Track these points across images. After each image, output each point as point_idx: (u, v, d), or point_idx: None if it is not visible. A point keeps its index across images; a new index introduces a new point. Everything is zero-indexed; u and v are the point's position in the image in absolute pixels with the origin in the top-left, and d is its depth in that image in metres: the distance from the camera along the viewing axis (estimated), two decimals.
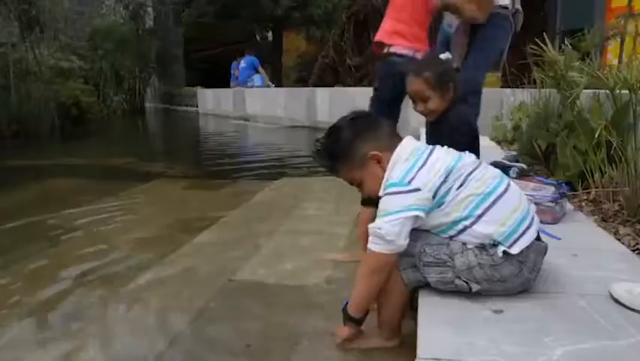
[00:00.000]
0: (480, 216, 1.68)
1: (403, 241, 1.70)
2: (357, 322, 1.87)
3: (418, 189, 1.69)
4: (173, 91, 22.36)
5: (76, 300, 2.52)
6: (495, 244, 1.68)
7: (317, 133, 9.78)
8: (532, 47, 3.70)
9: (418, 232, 1.74)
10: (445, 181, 1.70)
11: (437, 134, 2.64)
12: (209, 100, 17.56)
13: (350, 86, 13.56)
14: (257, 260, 2.95)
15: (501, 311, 1.60)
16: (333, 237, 3.28)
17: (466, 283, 1.67)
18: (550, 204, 2.54)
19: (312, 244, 3.16)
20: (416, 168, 1.73)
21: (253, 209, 4.24)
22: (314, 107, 11.40)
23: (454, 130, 2.50)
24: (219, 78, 16.52)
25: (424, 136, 4.68)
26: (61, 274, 2.86)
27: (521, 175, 3.05)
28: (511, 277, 1.67)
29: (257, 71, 14.34)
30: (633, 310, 1.59)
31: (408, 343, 1.72)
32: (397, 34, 3.10)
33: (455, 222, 1.71)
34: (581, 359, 1.34)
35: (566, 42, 3.66)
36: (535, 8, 10.30)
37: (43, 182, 5.70)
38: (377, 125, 1.92)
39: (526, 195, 2.58)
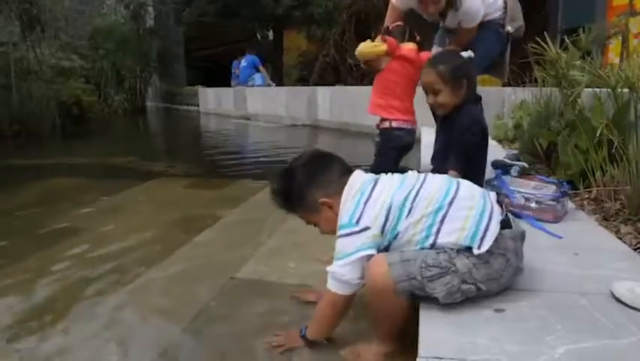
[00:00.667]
0: (439, 230, 1.66)
1: (358, 280, 1.75)
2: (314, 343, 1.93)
3: (367, 228, 1.71)
4: (174, 90, 22.40)
5: (76, 299, 2.52)
6: (468, 248, 1.64)
7: (318, 132, 9.78)
8: (534, 45, 3.69)
9: (409, 252, 1.68)
10: (387, 217, 1.71)
11: (447, 132, 2.65)
12: (211, 99, 17.57)
13: (351, 84, 13.54)
14: (258, 258, 2.95)
15: (502, 310, 1.59)
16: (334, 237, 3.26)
17: (473, 284, 1.62)
18: (551, 202, 2.54)
19: (314, 242, 3.16)
20: (361, 204, 1.75)
21: (254, 208, 4.23)
22: (315, 106, 11.40)
23: (465, 130, 2.51)
24: (220, 77, 16.56)
25: (424, 135, 4.70)
26: (61, 272, 2.86)
27: (522, 174, 3.05)
28: (503, 270, 1.65)
29: (258, 70, 14.35)
30: (635, 308, 1.58)
31: (407, 343, 1.71)
32: (394, 109, 3.22)
33: (421, 243, 1.68)
34: (582, 357, 1.34)
35: (567, 40, 3.65)
36: (536, 7, 10.28)
37: (44, 181, 5.71)
38: (329, 168, 1.92)
39: (528, 193, 2.60)
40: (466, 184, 1.80)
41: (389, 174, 1.88)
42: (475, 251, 1.62)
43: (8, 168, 6.86)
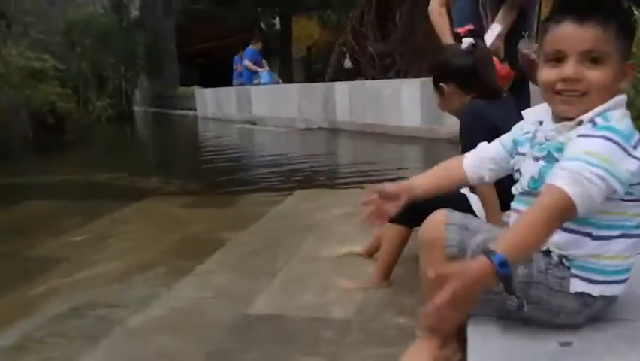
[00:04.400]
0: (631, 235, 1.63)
1: (591, 206, 1.50)
2: (507, 279, 1.44)
3: (637, 159, 1.53)
4: (166, 92, 22.53)
5: (61, 343, 2.54)
6: (569, 268, 1.63)
7: (338, 135, 9.80)
8: None
9: (475, 221, 1.72)
10: None
11: None
12: (209, 102, 17.69)
13: (374, 78, 13.55)
14: (274, 290, 2.95)
15: (569, 344, 1.58)
16: (359, 260, 3.26)
17: (518, 298, 1.61)
18: None
19: (337, 269, 3.16)
20: (637, 136, 1.57)
21: (265, 229, 4.24)
22: (332, 105, 11.43)
23: (467, 128, 2.54)
24: (220, 75, 16.65)
25: None
26: (41, 312, 2.88)
27: None
28: (565, 313, 1.64)
29: (261, 67, 14.46)
30: None
31: None
32: None
33: (614, 226, 1.62)
34: None
35: (634, 11, 3.62)
36: None
37: (15, 205, 5.71)
38: None
39: None
40: None
41: None
42: (584, 286, 1.61)
43: None
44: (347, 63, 16.48)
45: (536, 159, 1.70)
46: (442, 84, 2.65)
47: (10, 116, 10.88)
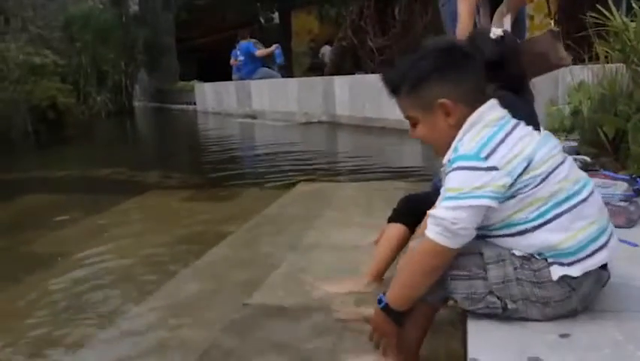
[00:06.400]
0: (548, 222, 1.62)
1: (472, 231, 1.61)
2: (396, 318, 1.77)
3: (495, 168, 1.60)
4: (165, 87, 22.49)
5: (62, 336, 2.55)
6: (546, 259, 1.63)
7: (337, 129, 9.81)
8: (594, 14, 3.66)
9: None
10: (524, 171, 1.62)
11: None
12: (209, 96, 17.66)
13: (373, 72, 13.54)
14: (274, 280, 2.96)
15: (568, 335, 1.58)
16: (361, 252, 3.26)
17: (500, 299, 1.63)
18: (622, 203, 2.51)
19: (338, 261, 3.16)
20: (497, 139, 1.65)
21: (267, 221, 4.25)
22: (332, 99, 11.41)
23: None
24: (219, 70, 16.62)
25: None
26: (40, 306, 2.89)
27: (584, 170, 3.02)
28: (555, 301, 1.64)
29: (256, 58, 14.45)
30: None
31: None
32: None
33: (514, 224, 1.65)
34: None
35: (635, 6, 3.62)
36: None
37: (16, 200, 5.74)
38: (467, 69, 1.79)
39: None
40: (599, 197, 1.74)
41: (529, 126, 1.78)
42: (558, 269, 1.61)
43: None
44: (326, 57, 16.55)
45: None
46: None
47: (11, 111, 10.86)
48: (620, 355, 1.47)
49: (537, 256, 1.64)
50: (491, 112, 1.73)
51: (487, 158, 1.61)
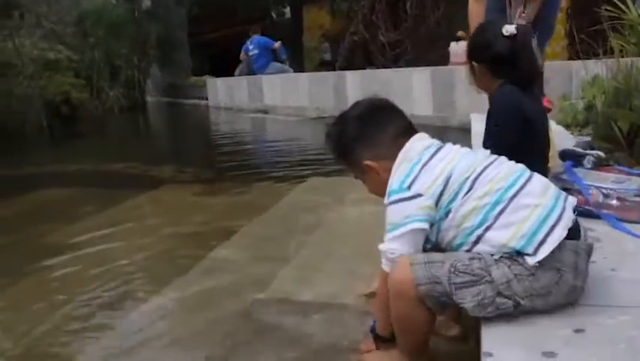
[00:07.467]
0: (493, 224, 1.67)
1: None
2: (387, 340, 1.93)
3: (419, 195, 1.73)
4: (178, 82, 22.53)
5: (77, 329, 2.57)
6: (519, 252, 1.64)
7: None
8: (608, 8, 3.64)
9: (438, 254, 1.73)
10: (445, 187, 1.72)
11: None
12: (221, 91, 17.68)
13: (384, 67, 13.52)
14: (287, 276, 2.96)
15: (582, 330, 1.57)
16: (374, 245, 3.25)
17: (510, 298, 1.62)
18: (636, 198, 2.49)
19: (350, 254, 3.16)
20: (417, 169, 1.77)
21: (278, 215, 4.26)
22: (344, 94, 11.40)
23: (495, 115, 2.49)
24: (231, 65, 16.63)
25: (474, 123, 4.66)
26: (57, 300, 2.90)
27: (598, 165, 3.00)
28: (552, 286, 1.63)
29: (274, 53, 14.47)
30: None
31: None
32: None
33: (468, 233, 1.70)
34: None
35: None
36: None
37: (30, 194, 5.78)
38: (385, 126, 1.94)
39: (607, 188, 2.56)
40: (539, 179, 1.78)
41: (456, 145, 1.91)
42: (529, 259, 1.62)
43: None
44: (327, 56, 16.52)
45: None
46: (474, 62, 2.59)
47: (25, 106, 10.89)
48: (635, 350, 1.46)
49: (511, 253, 1.65)
50: (414, 147, 1.86)
51: (409, 187, 1.75)
